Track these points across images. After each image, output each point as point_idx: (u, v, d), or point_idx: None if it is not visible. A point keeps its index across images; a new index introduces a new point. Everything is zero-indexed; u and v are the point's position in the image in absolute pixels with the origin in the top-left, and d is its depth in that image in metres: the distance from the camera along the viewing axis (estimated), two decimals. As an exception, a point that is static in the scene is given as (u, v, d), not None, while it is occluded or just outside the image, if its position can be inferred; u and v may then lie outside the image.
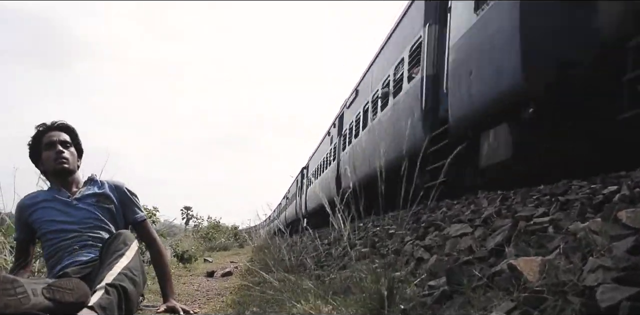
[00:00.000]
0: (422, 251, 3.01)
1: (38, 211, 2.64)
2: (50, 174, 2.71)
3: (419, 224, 4.24)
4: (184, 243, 7.94)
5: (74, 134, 2.76)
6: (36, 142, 2.68)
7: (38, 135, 2.69)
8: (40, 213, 2.63)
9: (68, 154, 2.66)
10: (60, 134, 2.69)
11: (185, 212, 33.02)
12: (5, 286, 1.57)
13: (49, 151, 2.64)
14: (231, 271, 5.51)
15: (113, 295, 1.95)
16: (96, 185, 2.78)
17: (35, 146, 2.68)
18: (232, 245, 14.42)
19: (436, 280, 2.26)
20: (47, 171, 2.71)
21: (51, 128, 2.69)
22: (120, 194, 2.79)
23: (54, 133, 2.67)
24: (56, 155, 2.62)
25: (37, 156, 2.69)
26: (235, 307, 2.69)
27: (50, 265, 2.58)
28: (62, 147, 2.65)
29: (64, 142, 2.67)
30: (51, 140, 2.64)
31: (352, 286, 2.44)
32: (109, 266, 2.13)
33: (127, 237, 2.33)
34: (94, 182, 2.80)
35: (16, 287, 1.59)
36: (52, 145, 2.64)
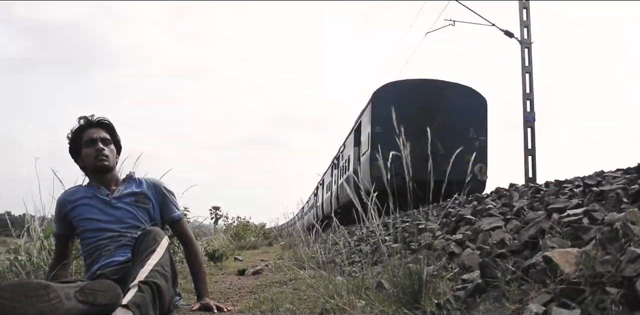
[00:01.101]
0: (453, 245, 2.98)
1: (78, 208, 2.68)
2: (89, 170, 2.76)
3: (449, 219, 4.21)
4: (214, 242, 8.02)
5: (113, 130, 2.81)
6: (76, 138, 2.72)
7: (78, 131, 2.73)
8: (79, 210, 2.68)
9: (108, 151, 2.71)
10: (101, 131, 2.73)
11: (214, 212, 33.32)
12: (38, 292, 1.59)
13: (90, 148, 2.68)
14: (262, 269, 5.54)
15: (146, 292, 1.98)
16: (134, 183, 2.82)
17: (76, 142, 2.72)
18: (261, 243, 14.52)
19: (469, 274, 2.24)
20: (87, 167, 2.76)
21: (91, 124, 2.74)
22: (158, 192, 2.83)
23: (94, 130, 2.72)
24: (97, 153, 2.67)
25: (77, 152, 2.74)
26: (268, 304, 2.70)
27: (88, 264, 2.63)
28: (102, 144, 2.69)
29: (105, 139, 2.72)
30: (92, 137, 2.69)
31: (385, 281, 2.44)
32: (141, 263, 2.16)
33: (157, 234, 2.36)
34: (132, 180, 2.84)
35: (49, 292, 1.62)
36: (92, 143, 2.68)
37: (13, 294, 1.55)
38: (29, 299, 1.56)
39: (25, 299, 1.56)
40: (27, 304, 1.55)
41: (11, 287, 1.58)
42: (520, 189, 4.89)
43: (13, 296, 1.54)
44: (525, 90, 10.87)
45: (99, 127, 2.74)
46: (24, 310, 1.54)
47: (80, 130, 2.72)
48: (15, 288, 1.58)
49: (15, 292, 1.56)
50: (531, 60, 11.05)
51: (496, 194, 5.11)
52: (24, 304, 1.54)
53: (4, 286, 1.58)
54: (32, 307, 1.55)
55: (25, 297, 1.56)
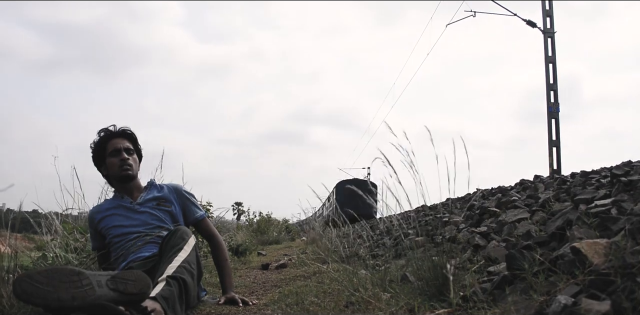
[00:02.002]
0: (478, 238, 2.96)
1: (105, 219, 2.80)
2: (113, 179, 2.87)
3: (472, 211, 4.17)
4: (237, 237, 8.07)
5: (136, 140, 2.92)
6: (100, 148, 2.83)
7: (102, 141, 2.83)
8: (107, 221, 2.80)
9: (132, 160, 2.82)
10: (124, 141, 2.84)
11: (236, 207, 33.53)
12: (72, 278, 1.64)
13: (114, 158, 2.79)
14: (285, 263, 5.55)
15: (174, 286, 2.04)
16: (155, 189, 2.94)
17: (99, 151, 2.83)
18: (283, 238, 14.57)
19: (495, 266, 2.22)
20: (111, 176, 2.87)
21: (115, 135, 2.84)
22: (179, 195, 2.95)
23: (118, 140, 2.82)
24: (121, 162, 2.78)
25: (100, 161, 2.84)
26: (293, 297, 2.72)
27: (117, 263, 2.70)
28: (126, 154, 2.80)
29: (128, 149, 2.83)
30: (116, 147, 2.79)
31: (409, 274, 2.43)
32: (169, 260, 2.22)
33: (185, 232, 2.43)
34: (154, 186, 2.96)
35: (82, 279, 1.66)
36: (117, 152, 2.79)
37: (48, 279, 1.59)
38: (63, 284, 1.61)
39: (59, 284, 1.60)
40: (60, 288, 1.59)
41: (46, 272, 1.63)
42: (545, 181, 4.83)
43: (48, 281, 1.59)
44: (549, 81, 10.68)
45: (122, 137, 2.85)
46: (57, 295, 1.58)
47: (105, 140, 2.83)
48: (50, 273, 1.62)
49: (50, 277, 1.60)
50: (554, 50, 10.86)
51: (520, 186, 5.05)
52: (58, 289, 1.59)
53: (40, 271, 1.62)
54: (65, 292, 1.59)
55: (59, 282, 1.61)
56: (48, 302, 1.56)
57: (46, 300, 1.56)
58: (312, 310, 2.15)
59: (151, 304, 1.81)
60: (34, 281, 1.57)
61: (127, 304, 1.69)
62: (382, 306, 1.83)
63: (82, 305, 1.59)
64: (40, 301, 1.56)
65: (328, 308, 2.11)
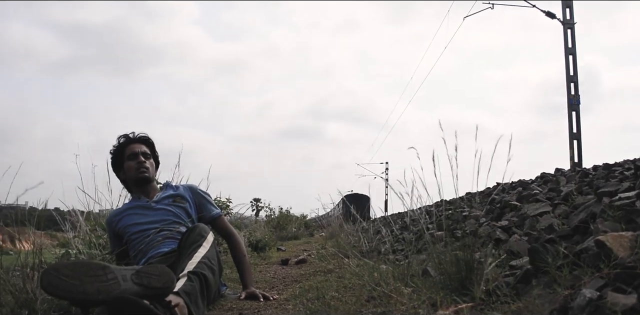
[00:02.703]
0: (499, 232, 2.93)
1: (123, 219, 2.87)
2: (131, 182, 2.96)
3: (493, 205, 4.14)
4: (257, 233, 8.11)
5: (153, 146, 3.02)
6: (119, 153, 2.93)
7: (121, 146, 2.93)
8: (124, 220, 2.86)
9: (148, 164, 2.91)
10: (142, 146, 2.93)
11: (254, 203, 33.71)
12: (97, 272, 1.66)
13: (132, 161, 2.89)
14: (305, 258, 5.56)
15: (195, 282, 2.06)
16: (171, 188, 3.02)
17: (118, 156, 2.93)
18: (302, 234, 14.61)
19: (518, 260, 2.20)
20: (128, 180, 2.96)
21: (133, 140, 2.94)
22: (194, 194, 3.03)
23: (135, 145, 2.92)
24: (138, 165, 2.87)
25: (119, 165, 2.94)
26: (314, 292, 2.72)
27: (137, 260, 2.74)
28: (143, 158, 2.88)
29: (145, 153, 2.92)
30: (134, 151, 2.89)
31: (430, 269, 2.42)
32: (189, 256, 2.25)
33: (203, 229, 2.46)
34: (169, 187, 3.04)
35: (107, 273, 1.68)
36: (135, 156, 2.88)
37: (73, 272, 1.61)
38: (88, 277, 1.62)
39: (84, 277, 1.62)
40: (86, 282, 1.61)
41: (72, 265, 1.64)
42: (566, 174, 4.77)
43: (73, 274, 1.61)
44: (569, 73, 10.52)
45: (140, 143, 2.95)
46: (83, 288, 1.60)
47: (123, 145, 2.93)
48: (76, 267, 1.64)
49: (76, 270, 1.62)
50: (574, 41, 10.69)
51: (541, 179, 5.00)
52: (83, 282, 1.61)
53: (66, 264, 1.64)
54: (91, 286, 1.61)
55: (85, 275, 1.62)
56: (73, 295, 1.58)
57: (71, 293, 1.58)
58: (333, 305, 2.15)
59: (174, 298, 1.83)
60: (61, 274, 1.58)
61: (151, 298, 1.70)
62: (403, 301, 1.83)
63: (107, 299, 1.61)
64: (66, 294, 1.58)
65: (349, 303, 2.11)
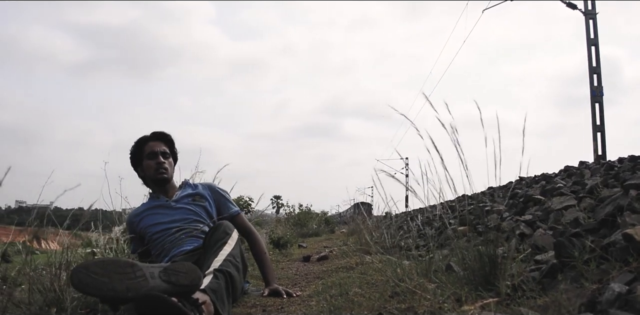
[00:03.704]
0: (523, 226, 2.90)
1: (143, 220, 2.89)
2: (149, 180, 2.96)
3: (516, 200, 4.09)
4: (278, 230, 8.14)
5: (172, 143, 3.02)
6: (138, 150, 2.94)
7: (140, 143, 2.94)
8: (145, 221, 2.89)
9: (167, 164, 2.92)
10: (161, 145, 2.94)
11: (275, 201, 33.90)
12: (125, 270, 1.68)
13: (151, 160, 2.90)
14: (327, 255, 5.57)
15: (221, 279, 2.07)
16: (190, 187, 3.04)
17: (137, 154, 2.94)
18: (323, 230, 14.62)
19: (543, 255, 2.18)
20: (147, 178, 2.96)
21: (153, 138, 2.95)
22: (213, 192, 3.05)
23: (155, 143, 2.93)
24: (157, 166, 2.88)
25: (138, 162, 2.96)
26: (337, 288, 2.72)
27: (159, 259, 2.76)
28: (162, 157, 2.90)
29: (164, 152, 2.93)
30: (153, 150, 2.89)
31: (454, 264, 2.40)
32: (214, 253, 2.26)
33: (228, 227, 2.47)
34: (188, 185, 3.06)
35: (136, 270, 1.70)
36: (153, 156, 2.89)
37: (103, 270, 1.63)
38: (117, 275, 1.65)
39: (113, 275, 1.64)
40: (115, 279, 1.63)
41: (101, 263, 1.67)
42: (591, 167, 4.70)
43: (103, 272, 1.63)
44: (592, 64, 10.33)
45: (159, 141, 2.95)
46: (112, 286, 1.62)
47: (142, 143, 2.94)
48: (105, 264, 1.66)
49: (105, 268, 1.64)
50: (597, 32, 10.49)
51: (565, 173, 4.92)
52: (113, 280, 1.63)
53: (95, 262, 1.67)
54: (120, 283, 1.63)
55: (114, 273, 1.64)
56: (103, 292, 1.60)
57: (101, 290, 1.60)
58: (356, 301, 2.14)
59: (201, 295, 1.85)
60: (90, 272, 1.61)
61: (178, 295, 1.72)
62: (428, 296, 1.81)
63: (136, 296, 1.63)
64: (96, 291, 1.60)
65: (373, 299, 2.10)
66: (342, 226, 14.71)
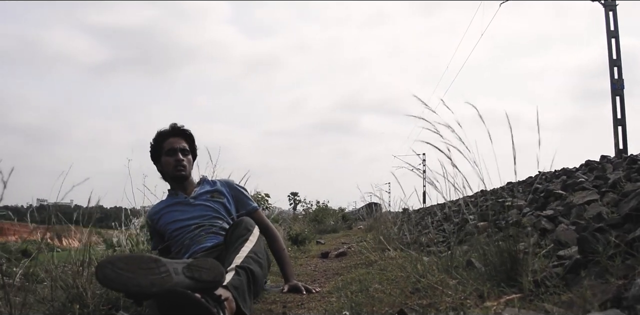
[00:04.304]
0: (544, 221, 2.87)
1: (163, 217, 2.90)
2: (168, 177, 2.97)
3: (536, 195, 4.05)
4: (296, 226, 8.17)
5: (192, 139, 3.00)
6: (158, 146, 2.93)
7: (160, 138, 2.93)
8: (164, 218, 2.89)
9: (186, 161, 2.91)
10: (181, 141, 2.92)
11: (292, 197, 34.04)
12: (150, 265, 1.68)
13: (169, 157, 2.88)
14: (345, 251, 5.57)
15: (243, 276, 2.07)
16: (208, 184, 3.04)
17: (157, 148, 2.93)
18: (341, 227, 14.64)
19: (566, 250, 2.15)
20: (165, 173, 2.97)
21: (173, 133, 2.92)
22: (231, 189, 3.05)
23: (174, 140, 2.90)
24: (175, 163, 2.87)
25: (157, 157, 2.95)
26: (357, 284, 2.72)
27: (180, 256, 2.78)
28: (181, 154, 2.88)
29: (183, 149, 2.91)
30: (172, 147, 2.88)
31: (474, 260, 2.38)
32: (236, 250, 2.25)
33: (249, 223, 2.47)
34: (206, 182, 3.06)
35: (160, 266, 1.70)
36: (172, 152, 2.88)
37: (128, 265, 1.64)
38: (142, 270, 1.65)
39: (138, 270, 1.65)
40: (139, 275, 1.64)
41: (126, 258, 1.68)
42: (613, 161, 4.63)
43: (128, 267, 1.64)
44: (612, 56, 10.16)
45: (179, 137, 2.93)
46: (137, 281, 1.62)
47: (162, 139, 2.92)
48: (130, 260, 1.67)
49: (130, 263, 1.65)
50: (617, 23, 10.31)
51: (586, 167, 4.86)
52: (137, 275, 1.63)
53: (120, 257, 1.68)
54: (144, 279, 1.64)
55: (139, 268, 1.65)
56: (128, 287, 1.61)
57: (126, 286, 1.61)
58: (377, 297, 2.14)
59: (223, 292, 1.85)
60: (116, 267, 1.61)
61: (201, 291, 1.72)
62: (449, 292, 1.80)
63: (160, 292, 1.63)
64: (121, 287, 1.61)
65: (394, 295, 2.10)
66: (359, 223, 14.67)
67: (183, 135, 2.94)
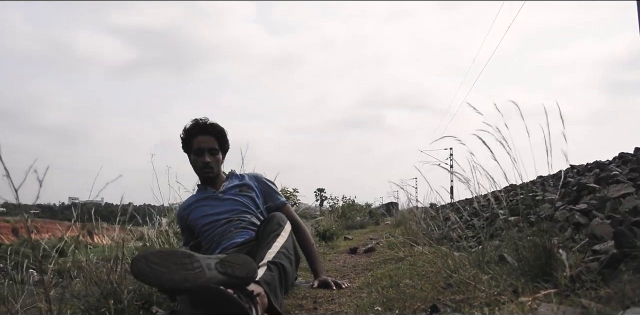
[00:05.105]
0: (578, 215, 2.81)
1: (192, 212, 2.93)
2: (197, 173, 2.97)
3: (568, 188, 3.97)
4: (323, 222, 8.18)
5: (222, 135, 2.95)
6: (187, 142, 2.91)
7: (189, 135, 2.90)
8: (194, 213, 2.92)
9: (214, 161, 2.89)
10: (209, 141, 2.88)
11: (318, 193, 34.13)
12: (183, 260, 1.70)
13: (197, 157, 2.88)
14: (373, 247, 5.56)
15: (275, 272, 2.08)
16: (237, 178, 3.04)
17: (186, 144, 2.92)
18: (368, 223, 14.60)
19: (601, 245, 2.11)
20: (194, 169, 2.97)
21: (202, 131, 2.87)
22: (259, 183, 3.05)
23: (202, 139, 2.87)
24: (202, 165, 2.88)
25: (187, 151, 2.94)
26: (387, 280, 2.71)
27: (210, 251, 2.80)
28: (209, 155, 2.87)
29: (212, 149, 2.88)
30: (200, 147, 2.86)
31: (507, 255, 2.35)
32: (268, 245, 2.26)
33: (281, 219, 2.47)
34: (235, 176, 3.06)
35: (193, 262, 1.72)
36: (200, 153, 2.86)
37: (161, 260, 1.66)
38: (175, 265, 1.67)
39: (172, 265, 1.66)
40: (173, 270, 1.66)
41: (160, 253, 1.69)
42: (647, 153, 4.51)
43: (162, 262, 1.65)
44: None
45: (209, 135, 2.88)
46: (171, 276, 1.64)
47: (191, 136, 2.89)
48: (164, 255, 1.69)
49: (164, 258, 1.67)
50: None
51: (620, 160, 4.75)
52: (171, 270, 1.65)
53: (155, 253, 1.69)
54: (178, 274, 1.65)
55: (172, 264, 1.67)
56: (162, 282, 1.63)
57: (160, 281, 1.62)
58: (409, 292, 2.13)
59: (255, 287, 1.86)
60: (150, 262, 1.63)
61: (233, 287, 1.73)
62: (482, 288, 1.78)
63: (193, 287, 1.65)
64: (155, 282, 1.63)
65: (425, 290, 2.08)
66: (386, 218, 14.61)
67: (213, 133, 2.90)
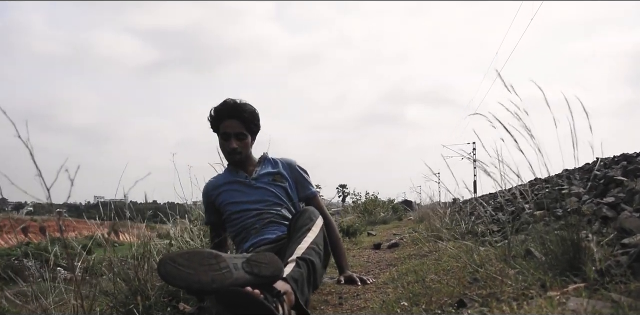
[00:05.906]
0: (605, 209, 2.77)
1: (222, 194, 2.84)
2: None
3: (595, 182, 3.91)
4: (346, 218, 8.19)
5: (252, 117, 2.81)
6: (215, 125, 2.81)
7: (216, 118, 2.80)
8: (224, 196, 2.83)
9: (241, 146, 2.79)
10: (237, 125, 2.76)
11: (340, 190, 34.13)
12: (210, 261, 1.70)
13: (224, 141, 2.79)
14: (397, 242, 5.55)
15: (303, 268, 2.04)
16: (270, 164, 2.93)
17: (214, 126, 2.82)
18: (391, 218, 14.56)
19: (630, 238, 2.08)
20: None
21: (230, 115, 2.76)
22: (293, 171, 2.93)
23: (229, 123, 2.76)
24: (230, 150, 2.77)
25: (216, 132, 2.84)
26: (412, 275, 2.71)
27: (237, 242, 2.78)
28: (236, 140, 2.77)
29: (239, 134, 2.77)
30: (226, 131, 2.76)
31: (533, 249, 2.33)
32: (298, 240, 2.23)
33: (313, 213, 2.43)
34: (267, 161, 2.95)
35: (220, 262, 1.72)
36: (227, 137, 2.77)
37: (188, 261, 1.66)
38: (202, 266, 1.67)
39: (198, 266, 1.67)
40: (200, 271, 1.66)
41: (187, 254, 1.70)
42: (677, 144, 4.41)
43: (188, 263, 1.66)
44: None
45: (237, 119, 2.76)
46: (198, 278, 1.64)
47: (219, 119, 2.79)
48: (190, 256, 1.69)
49: (190, 259, 1.67)
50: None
51: (648, 152, 4.65)
52: (198, 272, 1.66)
53: (181, 254, 1.70)
54: (205, 275, 1.66)
55: (199, 264, 1.67)
56: (189, 284, 1.63)
57: (187, 282, 1.63)
58: (434, 287, 2.12)
59: (282, 285, 1.85)
60: (177, 264, 1.64)
61: (260, 286, 1.73)
62: (510, 282, 1.77)
63: (220, 289, 1.65)
64: (182, 283, 1.64)
65: (451, 285, 2.07)
66: (409, 214, 14.53)
67: (239, 117, 2.76)
